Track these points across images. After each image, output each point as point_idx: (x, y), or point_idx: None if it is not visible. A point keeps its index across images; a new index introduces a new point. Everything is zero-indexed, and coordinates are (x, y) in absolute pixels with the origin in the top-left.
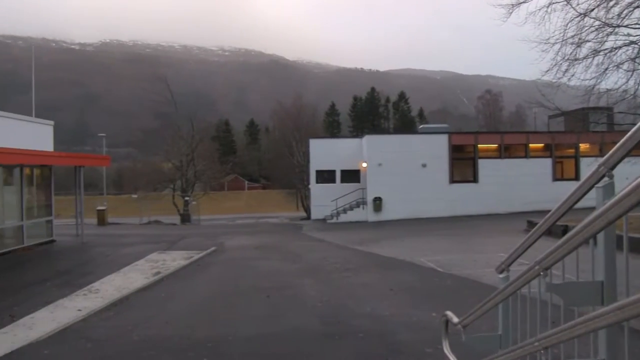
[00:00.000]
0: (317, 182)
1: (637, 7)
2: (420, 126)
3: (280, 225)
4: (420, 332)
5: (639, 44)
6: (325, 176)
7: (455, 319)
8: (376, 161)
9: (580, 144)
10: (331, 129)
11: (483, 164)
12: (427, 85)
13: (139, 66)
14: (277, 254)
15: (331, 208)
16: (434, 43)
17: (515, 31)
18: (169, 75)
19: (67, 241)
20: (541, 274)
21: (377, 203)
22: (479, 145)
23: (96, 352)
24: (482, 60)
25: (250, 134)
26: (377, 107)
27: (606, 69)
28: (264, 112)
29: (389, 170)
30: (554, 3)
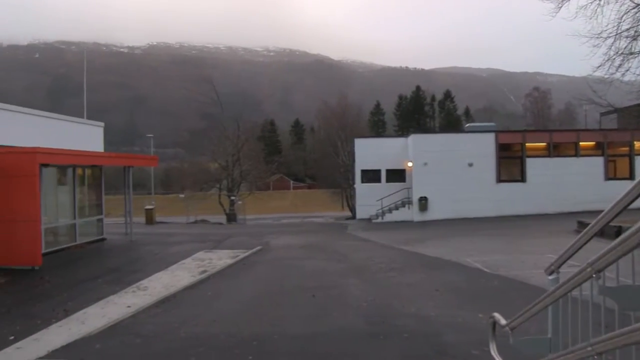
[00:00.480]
0: (363, 182)
1: None
2: (467, 125)
3: (326, 224)
4: (467, 334)
5: None
6: (371, 176)
7: (503, 321)
8: (422, 160)
9: (634, 142)
10: (376, 129)
11: (531, 163)
12: (473, 83)
13: (185, 68)
14: (322, 254)
15: (376, 208)
16: (480, 40)
17: (565, 26)
18: (215, 76)
19: (117, 239)
20: (594, 276)
21: (423, 203)
22: (527, 144)
23: (145, 348)
24: (530, 57)
25: (296, 134)
26: (423, 106)
27: None
28: (309, 112)
29: (434, 169)
30: None
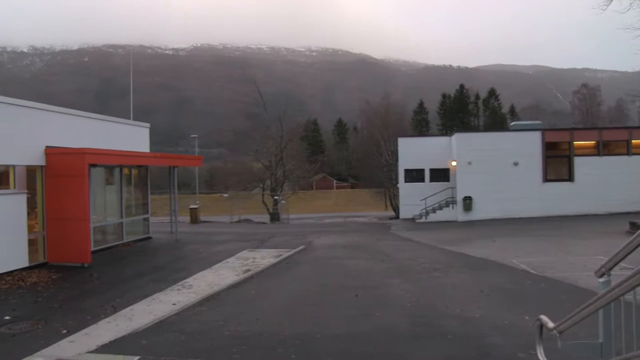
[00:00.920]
0: (406, 181)
1: None
2: (512, 123)
3: (369, 224)
4: (512, 336)
5: None
6: (414, 175)
7: (551, 324)
8: (466, 159)
9: None
10: (420, 128)
11: (579, 161)
12: (519, 81)
13: (229, 68)
14: (366, 253)
15: (420, 207)
16: (526, 36)
17: (617, 19)
18: (258, 76)
19: (162, 238)
20: None
21: (467, 202)
22: (575, 142)
23: (189, 345)
24: (578, 53)
25: (339, 134)
26: (467, 105)
27: None
28: (352, 111)
29: (479, 168)
30: None
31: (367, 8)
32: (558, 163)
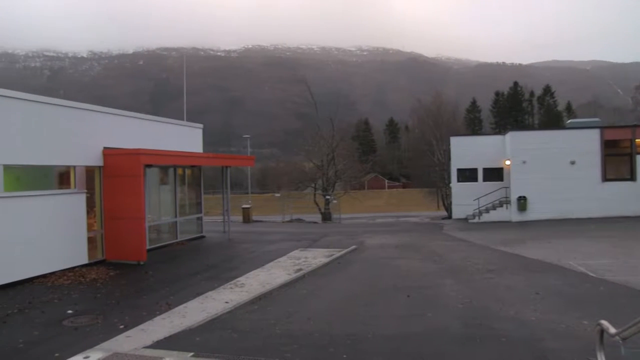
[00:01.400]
0: (459, 181)
1: None
2: (568, 121)
3: (421, 224)
4: (569, 341)
5: None
6: (467, 174)
7: (612, 330)
8: (520, 158)
9: None
10: (472, 126)
11: None
12: (575, 77)
13: (280, 69)
14: (418, 254)
15: (473, 207)
16: (582, 31)
17: None
18: (308, 76)
19: (215, 237)
20: None
21: (522, 202)
22: (637, 140)
23: (242, 343)
24: None
25: (390, 133)
26: (521, 102)
27: None
28: (404, 111)
29: (534, 167)
30: None
31: (418, 6)
32: (618, 161)
